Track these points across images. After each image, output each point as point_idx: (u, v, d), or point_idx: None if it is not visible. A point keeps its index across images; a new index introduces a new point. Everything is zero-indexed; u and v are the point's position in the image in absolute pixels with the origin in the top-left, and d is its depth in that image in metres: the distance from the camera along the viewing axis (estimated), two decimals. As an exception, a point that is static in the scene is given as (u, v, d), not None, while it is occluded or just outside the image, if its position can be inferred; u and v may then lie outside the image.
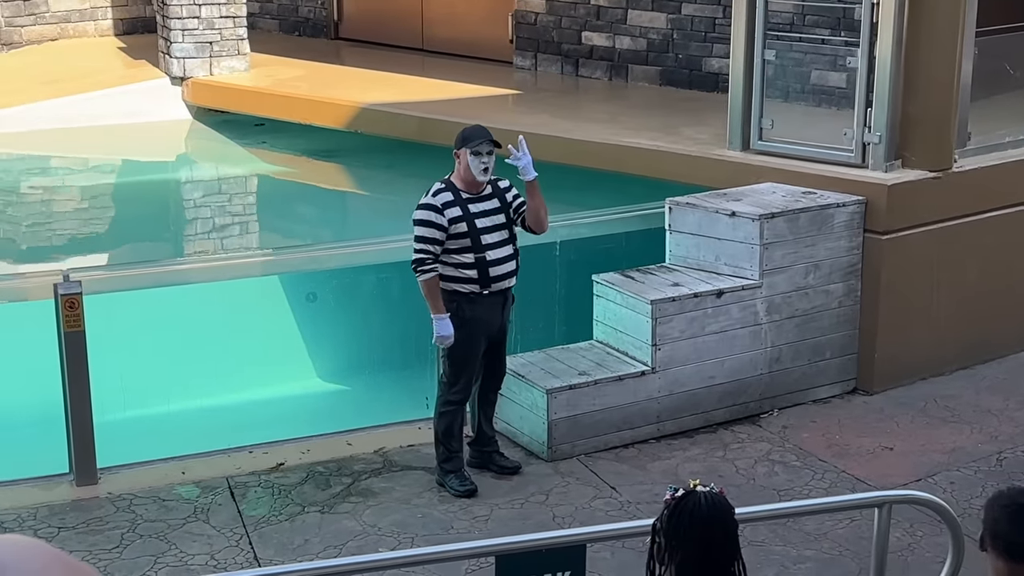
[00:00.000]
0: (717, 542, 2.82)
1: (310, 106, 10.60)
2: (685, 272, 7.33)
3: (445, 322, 6.16)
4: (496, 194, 6.33)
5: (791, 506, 4.65)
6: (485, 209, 6.24)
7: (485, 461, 6.66)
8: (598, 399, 6.85)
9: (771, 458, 6.79)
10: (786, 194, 7.52)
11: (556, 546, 3.65)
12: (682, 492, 2.85)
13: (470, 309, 6.20)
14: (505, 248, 6.28)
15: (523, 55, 11.72)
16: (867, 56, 7.52)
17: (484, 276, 6.21)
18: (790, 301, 7.32)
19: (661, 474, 6.63)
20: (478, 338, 6.26)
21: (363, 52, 12.60)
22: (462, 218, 6.16)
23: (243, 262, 8.19)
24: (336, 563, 3.87)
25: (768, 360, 7.30)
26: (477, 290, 6.21)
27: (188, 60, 11.50)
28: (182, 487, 6.49)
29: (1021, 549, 3.04)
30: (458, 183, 6.23)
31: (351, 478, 6.59)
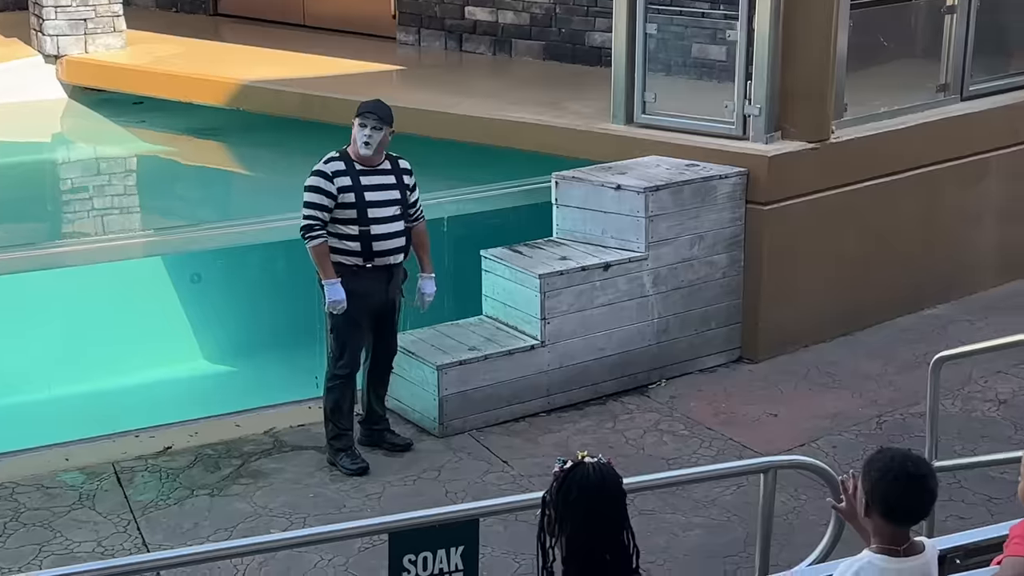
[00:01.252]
0: (606, 512, 2.86)
1: (190, 84, 10.42)
2: (572, 246, 7.38)
3: (336, 287, 6.17)
4: (395, 172, 6.33)
5: (678, 474, 4.73)
6: (378, 183, 6.25)
7: (376, 439, 6.65)
8: (488, 374, 6.87)
9: (660, 428, 6.88)
10: (670, 167, 7.61)
11: (449, 522, 3.66)
12: (570, 464, 2.88)
13: (352, 282, 6.20)
14: (393, 224, 6.27)
15: (406, 30, 11.65)
16: (746, 30, 7.63)
17: (367, 250, 6.22)
18: (676, 272, 7.41)
19: (552, 447, 6.68)
20: (361, 311, 6.26)
21: (243, 28, 12.41)
22: (351, 188, 6.18)
23: (125, 243, 8.02)
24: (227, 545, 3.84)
25: (655, 331, 7.40)
26: (360, 263, 6.22)
27: (62, 38, 11.21)
28: (66, 474, 6.37)
29: (903, 511, 3.13)
30: (352, 154, 6.26)
31: (241, 460, 6.53)
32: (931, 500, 3.17)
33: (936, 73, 8.71)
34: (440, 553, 3.64)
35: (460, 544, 3.65)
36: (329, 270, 6.16)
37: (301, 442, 6.70)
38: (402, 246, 6.34)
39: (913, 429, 6.75)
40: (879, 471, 3.12)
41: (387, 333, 6.48)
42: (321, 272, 6.18)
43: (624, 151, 7.92)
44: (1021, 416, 6.90)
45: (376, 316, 6.37)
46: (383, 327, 6.44)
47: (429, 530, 3.65)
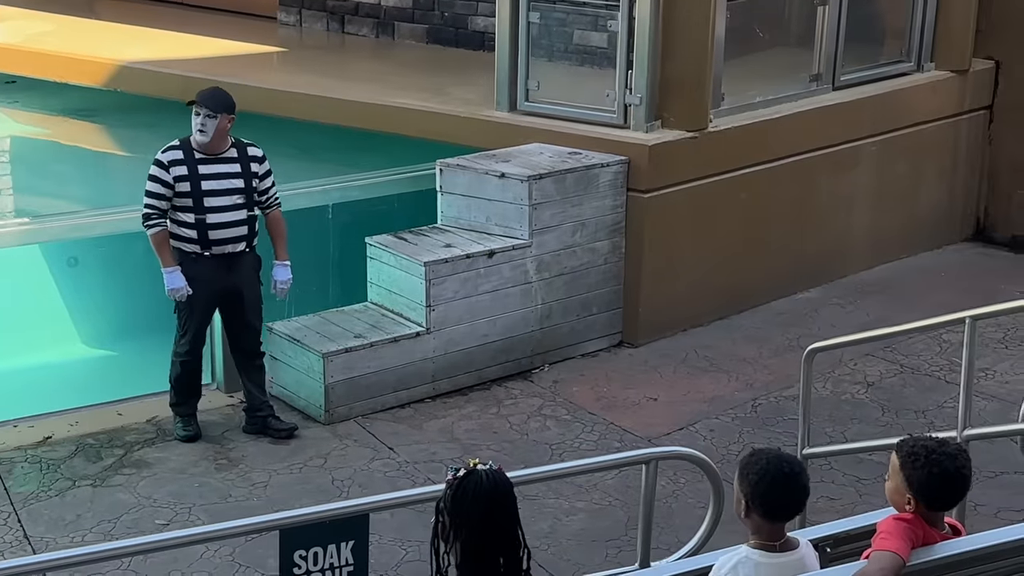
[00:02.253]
0: (499, 517, 2.94)
1: (65, 63, 10.19)
2: (457, 233, 7.44)
3: (175, 275, 6.32)
4: (240, 160, 6.37)
5: (564, 467, 4.84)
6: (218, 172, 6.33)
7: (260, 426, 6.68)
8: (374, 361, 6.92)
9: (543, 413, 7.00)
10: (553, 155, 7.71)
11: (339, 517, 3.71)
12: (463, 472, 2.95)
13: (192, 268, 6.35)
14: (233, 213, 6.35)
15: (287, 11, 11.54)
16: (627, 20, 7.76)
17: (204, 238, 6.33)
18: (559, 259, 7.53)
19: (438, 432, 6.76)
20: (200, 297, 6.39)
21: (119, 6, 12.14)
22: (186, 178, 6.28)
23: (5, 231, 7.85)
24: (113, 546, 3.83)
25: (539, 317, 7.51)
26: (199, 251, 6.35)
27: (-71, 14, 10.87)
28: (-58, 466, 6.25)
29: (782, 510, 3.28)
30: (194, 143, 6.33)
31: (123, 449, 6.48)
32: (806, 496, 3.32)
33: (809, 63, 8.94)
34: (331, 548, 3.69)
35: (351, 539, 3.70)
36: (167, 258, 6.31)
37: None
38: (243, 235, 6.39)
39: (787, 412, 6.97)
40: (757, 474, 3.26)
41: (240, 320, 6.54)
42: (161, 260, 6.32)
43: (508, 138, 7.99)
44: (889, 399, 7.17)
45: (222, 303, 6.49)
46: (233, 314, 6.53)
47: (319, 525, 3.69)
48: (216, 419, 6.82)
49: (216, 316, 6.65)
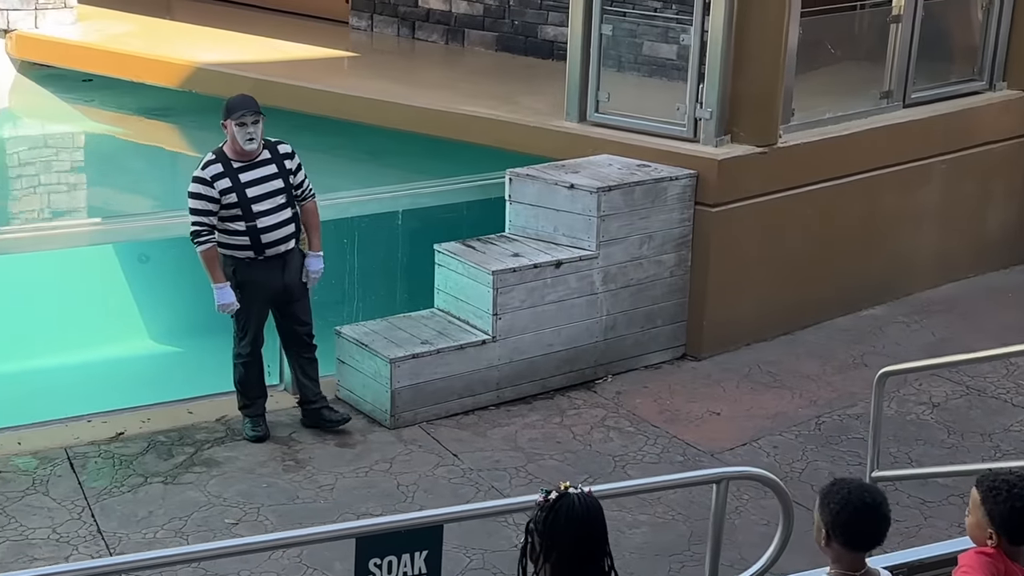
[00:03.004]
0: (590, 540, 2.98)
1: (142, 63, 10.35)
2: (524, 242, 7.48)
3: (224, 290, 6.41)
4: (274, 159, 6.48)
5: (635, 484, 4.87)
6: (258, 177, 6.41)
7: (314, 419, 6.79)
8: (440, 367, 6.97)
9: (606, 424, 7.02)
10: (622, 167, 7.73)
11: (415, 527, 3.76)
12: (556, 494, 2.99)
13: (246, 273, 6.46)
14: (280, 213, 6.45)
15: (359, 15, 11.65)
16: (700, 34, 7.76)
17: (257, 243, 6.42)
18: (625, 271, 7.55)
19: (501, 440, 6.80)
20: (257, 299, 6.50)
21: (195, 7, 12.32)
22: (232, 189, 6.35)
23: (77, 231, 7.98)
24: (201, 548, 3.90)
25: (603, 328, 7.53)
26: (252, 256, 6.44)
27: (12, 12, 11.07)
28: (19, 458, 6.38)
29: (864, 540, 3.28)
30: (229, 153, 6.41)
31: (194, 447, 6.58)
32: (887, 526, 3.33)
33: (881, 80, 8.90)
34: (405, 557, 3.74)
35: (424, 549, 3.75)
36: (218, 274, 6.40)
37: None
38: (291, 233, 6.53)
39: (851, 430, 6.94)
40: (838, 503, 3.26)
41: (293, 317, 6.65)
42: (211, 276, 6.41)
43: (577, 149, 8.03)
44: (954, 420, 7.12)
45: (277, 302, 6.60)
46: (287, 311, 6.64)
47: (395, 535, 3.74)
48: (284, 420, 6.90)
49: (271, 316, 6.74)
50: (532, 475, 6.40)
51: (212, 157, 6.41)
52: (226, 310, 6.46)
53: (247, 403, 6.70)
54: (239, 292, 6.45)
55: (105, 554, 5.56)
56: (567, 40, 8.42)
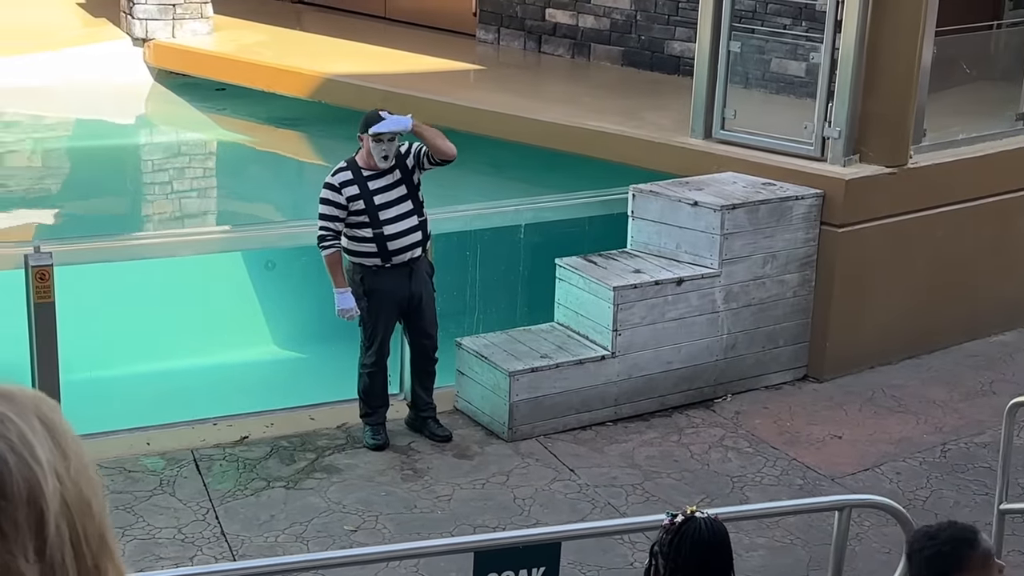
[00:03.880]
0: (716, 566, 2.97)
1: (273, 74, 10.59)
2: (646, 259, 7.47)
3: (345, 296, 6.52)
4: (399, 165, 6.55)
5: (755, 508, 4.82)
6: (385, 185, 6.51)
7: (420, 426, 6.92)
8: (558, 382, 6.99)
9: (724, 443, 6.97)
10: (747, 185, 7.68)
11: (533, 543, 3.78)
12: (682, 518, 2.98)
13: (373, 281, 6.55)
14: (407, 221, 6.52)
15: (486, 28, 11.75)
16: (830, 52, 7.67)
17: (384, 251, 6.50)
18: (747, 290, 7.49)
19: (618, 457, 6.79)
20: (384, 308, 6.59)
21: (325, 18, 12.56)
22: (359, 196, 6.46)
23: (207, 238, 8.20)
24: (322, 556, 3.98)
25: (724, 347, 7.48)
26: (379, 263, 6.52)
27: (151, 21, 11.42)
28: (147, 458, 6.56)
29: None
30: (361, 162, 6.53)
31: (315, 453, 6.70)
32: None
33: (1016, 101, 8.69)
34: (522, 573, 3.76)
35: (542, 565, 3.77)
36: (340, 279, 6.51)
37: (374, 439, 6.85)
38: (418, 241, 6.59)
39: (978, 459, 6.79)
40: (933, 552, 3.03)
41: (419, 326, 6.71)
42: (333, 281, 6.51)
43: (701, 166, 7.99)
44: (1086, 453, 6.90)
45: (403, 311, 6.66)
46: (414, 320, 6.69)
47: (513, 550, 3.77)
48: (403, 429, 6.99)
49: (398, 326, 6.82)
50: (649, 493, 6.38)
51: (343, 165, 6.56)
52: (346, 315, 6.55)
53: (369, 412, 6.80)
54: (366, 300, 6.55)
55: (228, 556, 5.69)
56: (694, 56, 8.41)
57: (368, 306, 6.57)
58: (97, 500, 1.40)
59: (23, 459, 1.35)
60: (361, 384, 6.78)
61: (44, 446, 1.37)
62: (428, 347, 6.78)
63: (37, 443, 1.36)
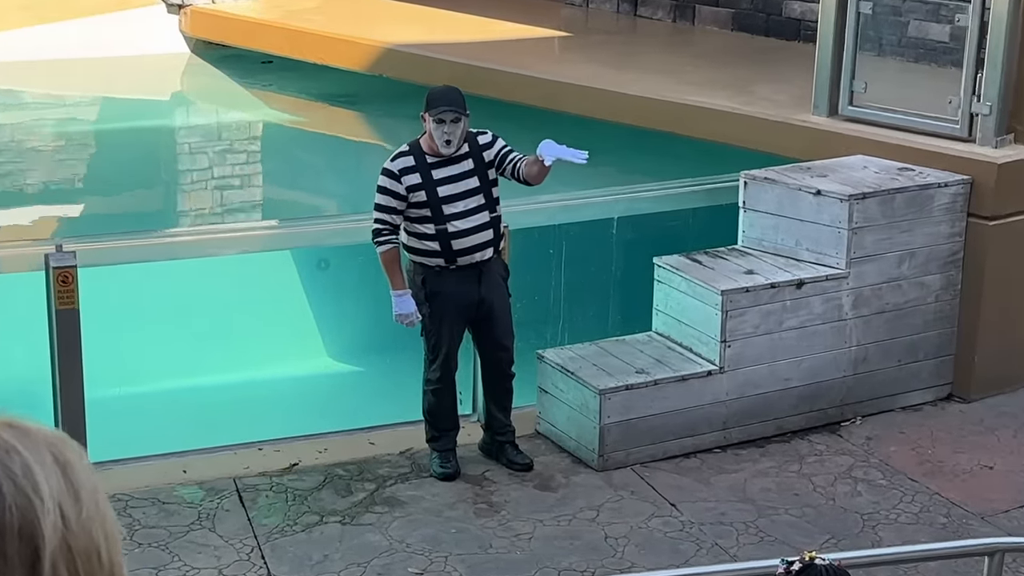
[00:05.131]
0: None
1: (326, 43, 10.70)
2: (760, 257, 7.44)
3: (405, 299, 6.51)
4: (472, 154, 6.51)
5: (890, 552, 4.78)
6: (452, 174, 6.48)
7: (496, 452, 6.93)
8: (657, 401, 6.98)
9: (853, 475, 6.91)
10: (879, 170, 7.61)
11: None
12: (799, 565, 2.97)
13: (436, 283, 6.53)
14: (475, 217, 6.50)
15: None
16: (979, 15, 7.57)
17: (447, 249, 6.48)
18: (880, 294, 7.42)
19: (727, 490, 6.76)
20: (448, 314, 6.57)
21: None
22: (421, 186, 6.43)
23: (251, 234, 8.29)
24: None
25: (852, 360, 7.42)
26: (442, 264, 6.51)
27: (187, -14, 11.60)
28: (184, 488, 6.66)
29: None
30: (425, 147, 6.50)
31: (375, 484, 6.75)
32: None
33: None
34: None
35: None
36: (397, 279, 6.51)
37: (442, 467, 6.89)
38: (489, 240, 6.55)
39: None
40: None
41: (490, 338, 6.72)
42: (390, 281, 6.52)
43: (825, 148, 7.94)
44: None
45: (472, 319, 6.65)
46: (484, 331, 6.70)
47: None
48: (476, 455, 7.02)
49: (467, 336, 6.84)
50: (764, 532, 6.34)
51: (405, 149, 6.54)
52: (404, 321, 6.58)
53: (436, 435, 6.84)
54: (428, 305, 6.57)
55: (275, 601, 5.75)
56: (816, 18, 8.34)
57: (431, 312, 6.57)
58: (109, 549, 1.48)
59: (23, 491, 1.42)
60: (426, 403, 6.82)
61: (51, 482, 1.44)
62: (503, 360, 6.80)
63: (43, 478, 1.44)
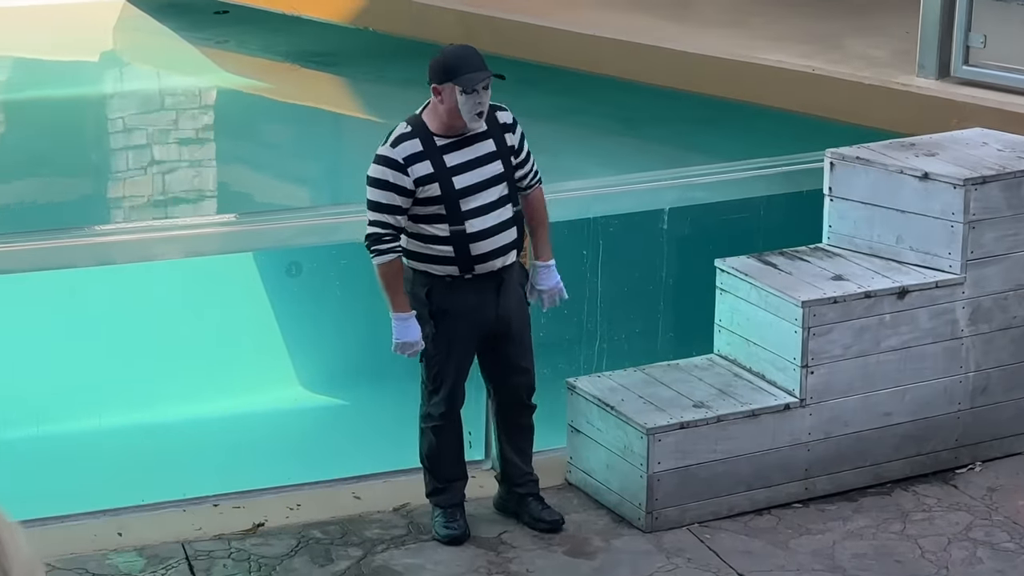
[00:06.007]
0: None
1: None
2: (851, 259, 7.43)
3: (409, 324, 6.43)
4: (491, 133, 6.46)
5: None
6: (469, 159, 6.40)
7: (516, 507, 6.89)
8: (721, 443, 6.98)
9: (972, 536, 6.90)
10: (1003, 147, 7.61)
11: None
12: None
13: (447, 298, 6.46)
14: (497, 212, 6.45)
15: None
16: None
17: (464, 255, 6.41)
18: (1005, 306, 7.42)
19: (811, 556, 6.76)
20: (458, 336, 6.53)
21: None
22: (433, 176, 6.34)
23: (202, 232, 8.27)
24: None
25: (970, 391, 7.41)
26: (455, 273, 6.45)
27: (120, -85, 11.64)
28: (120, 556, 6.66)
29: None
30: (433, 124, 6.38)
31: (362, 549, 6.75)
32: None
33: None
34: None
35: None
36: (400, 298, 6.41)
37: (447, 528, 6.89)
38: (512, 241, 6.52)
39: None
40: None
41: (505, 359, 6.69)
42: (390, 301, 6.42)
43: (934, 119, 7.96)
44: None
45: (486, 338, 6.62)
46: (501, 353, 6.67)
47: None
48: (488, 512, 7.02)
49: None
50: (857, 611, 6.35)
51: (407, 129, 6.41)
52: (407, 351, 6.52)
53: (438, 488, 6.82)
54: (432, 325, 6.54)
55: None
56: (921, -46, 8.36)
57: (436, 334, 6.54)
58: None
59: None
60: (425, 446, 6.80)
61: None
62: (521, 388, 6.78)
63: None
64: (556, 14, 9.75)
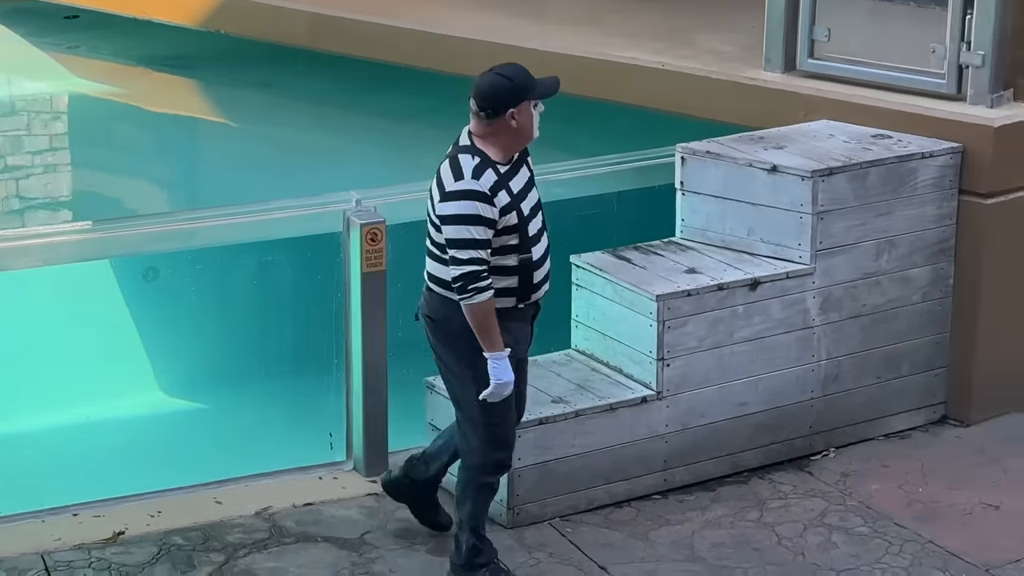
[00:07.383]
0: None
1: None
2: (704, 252, 7.49)
3: (506, 363, 6.03)
4: (523, 157, 6.23)
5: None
6: (523, 184, 6.12)
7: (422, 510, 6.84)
8: (579, 438, 7.00)
9: (827, 521, 6.98)
10: (849, 138, 7.70)
11: None
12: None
13: (505, 328, 6.09)
14: (545, 238, 6.24)
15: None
16: (967, -59, 7.72)
17: (527, 284, 6.12)
18: (854, 294, 7.51)
19: (670, 546, 6.80)
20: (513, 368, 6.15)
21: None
22: (511, 205, 6.00)
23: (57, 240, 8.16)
24: None
25: (822, 379, 7.50)
26: (511, 304, 6.12)
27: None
28: (-25, 568, 6.59)
29: None
30: (494, 152, 6.04)
31: (224, 554, 6.70)
32: None
33: None
34: None
35: None
36: (498, 336, 6.00)
37: (310, 530, 6.86)
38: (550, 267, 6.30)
39: None
40: None
41: (519, 390, 6.38)
42: (486, 341, 6.00)
43: (782, 112, 8.03)
44: None
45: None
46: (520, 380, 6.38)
47: None
48: (353, 514, 7.00)
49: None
50: (717, 598, 6.41)
51: (477, 160, 5.98)
52: (505, 392, 6.05)
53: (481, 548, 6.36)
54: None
55: None
56: (766, -51, 8.45)
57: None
58: None
59: None
60: (478, 505, 6.34)
61: None
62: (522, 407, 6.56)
63: None
64: (406, 13, 9.73)
